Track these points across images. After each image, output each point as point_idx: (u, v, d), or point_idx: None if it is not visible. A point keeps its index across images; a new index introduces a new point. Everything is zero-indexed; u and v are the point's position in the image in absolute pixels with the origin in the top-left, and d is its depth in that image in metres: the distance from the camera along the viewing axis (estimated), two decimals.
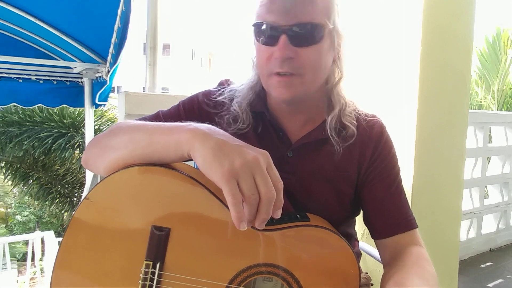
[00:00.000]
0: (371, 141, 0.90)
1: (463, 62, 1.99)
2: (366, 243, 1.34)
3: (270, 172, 0.62)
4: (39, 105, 3.11)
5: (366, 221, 0.93)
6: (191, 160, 0.66)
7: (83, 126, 3.17)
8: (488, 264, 3.29)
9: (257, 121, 0.90)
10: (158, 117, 0.91)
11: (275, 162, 0.67)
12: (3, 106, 7.47)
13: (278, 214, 0.62)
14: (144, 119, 0.90)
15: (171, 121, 0.86)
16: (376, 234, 0.90)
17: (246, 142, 0.67)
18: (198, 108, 0.92)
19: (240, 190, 0.59)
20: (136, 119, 0.88)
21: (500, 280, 2.97)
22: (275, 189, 0.61)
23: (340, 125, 0.88)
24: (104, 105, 2.97)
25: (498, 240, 3.67)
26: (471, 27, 1.99)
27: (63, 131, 7.21)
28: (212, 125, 0.68)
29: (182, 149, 0.65)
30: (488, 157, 3.68)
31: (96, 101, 3.00)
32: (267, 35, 0.79)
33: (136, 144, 0.71)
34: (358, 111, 0.92)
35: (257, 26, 0.80)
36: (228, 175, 0.59)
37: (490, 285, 2.91)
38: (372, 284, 1.01)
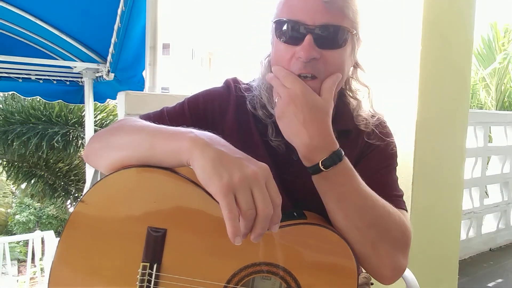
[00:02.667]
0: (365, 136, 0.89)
1: (463, 62, 1.99)
2: None
3: (269, 187, 0.61)
4: (42, 104, 3.12)
5: None
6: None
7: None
8: (488, 263, 3.29)
9: (264, 124, 0.87)
10: (162, 114, 0.89)
11: (281, 164, 0.65)
12: (5, 107, 7.48)
13: (275, 229, 0.61)
14: (148, 116, 0.88)
15: (176, 120, 0.84)
16: None
17: (253, 146, 0.64)
18: (203, 109, 0.89)
19: (237, 204, 0.59)
20: (140, 116, 0.87)
21: (500, 280, 2.97)
22: (273, 204, 0.60)
23: (352, 129, 0.87)
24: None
25: (498, 240, 3.67)
26: (471, 26, 1.99)
27: (69, 127, 7.21)
28: (214, 131, 0.67)
29: (181, 157, 0.64)
30: (488, 157, 3.68)
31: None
32: (291, 33, 0.76)
33: (137, 146, 0.70)
34: (366, 112, 0.91)
35: (280, 23, 0.77)
36: (226, 188, 0.58)
37: (490, 284, 2.90)
38: (372, 284, 1.01)
